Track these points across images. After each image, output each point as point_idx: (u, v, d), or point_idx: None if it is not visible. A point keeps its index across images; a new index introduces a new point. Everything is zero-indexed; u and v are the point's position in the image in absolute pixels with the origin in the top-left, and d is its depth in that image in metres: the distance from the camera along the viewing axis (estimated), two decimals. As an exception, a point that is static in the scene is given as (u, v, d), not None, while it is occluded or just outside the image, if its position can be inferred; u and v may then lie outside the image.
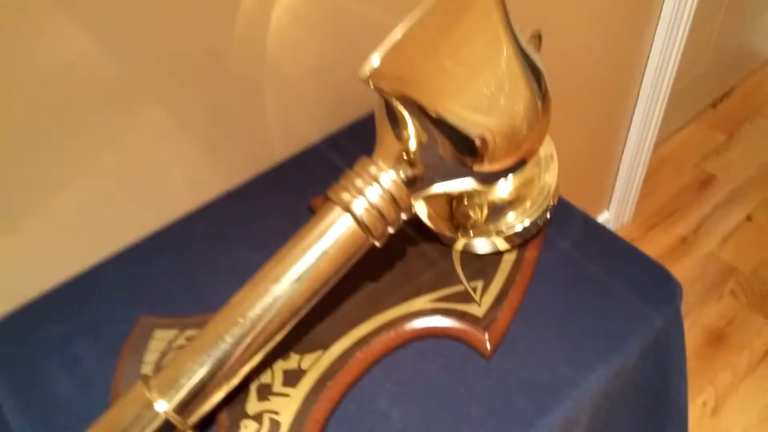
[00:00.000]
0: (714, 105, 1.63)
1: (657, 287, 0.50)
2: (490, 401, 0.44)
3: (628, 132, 1.20)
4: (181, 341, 0.47)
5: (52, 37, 0.43)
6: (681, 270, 1.26)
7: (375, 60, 0.36)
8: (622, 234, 1.35)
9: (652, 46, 1.07)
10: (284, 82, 0.58)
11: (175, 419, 0.39)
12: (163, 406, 0.38)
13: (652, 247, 1.31)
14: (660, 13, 1.03)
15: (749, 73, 1.71)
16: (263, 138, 0.60)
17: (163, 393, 0.39)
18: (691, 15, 1.05)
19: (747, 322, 1.15)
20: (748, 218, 1.33)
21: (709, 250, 1.28)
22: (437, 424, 0.43)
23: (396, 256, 0.51)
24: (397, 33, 0.36)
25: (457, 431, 0.42)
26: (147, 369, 0.46)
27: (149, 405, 0.38)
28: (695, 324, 1.16)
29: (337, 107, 0.64)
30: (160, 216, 0.56)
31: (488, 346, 0.46)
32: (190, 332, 0.47)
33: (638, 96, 1.15)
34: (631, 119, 1.18)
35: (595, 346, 0.46)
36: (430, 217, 0.52)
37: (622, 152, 1.21)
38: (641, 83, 1.14)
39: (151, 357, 0.46)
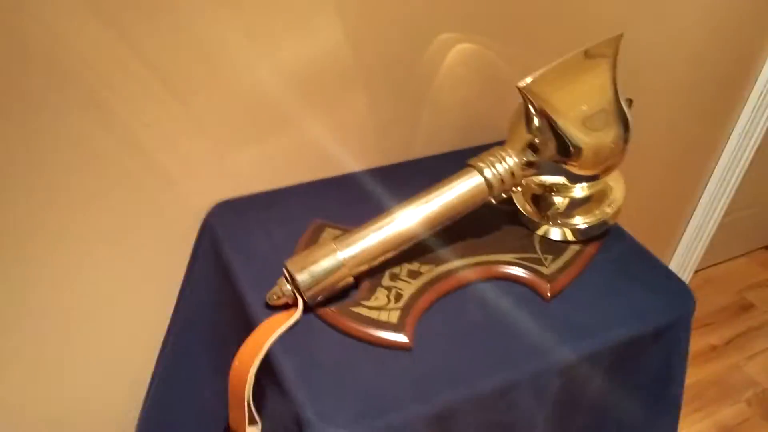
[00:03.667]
0: (767, 247, 1.79)
1: (677, 294, 0.69)
2: (542, 324, 0.63)
3: (680, 238, 1.39)
4: (343, 237, 0.69)
5: (323, 32, 0.69)
6: (704, 371, 1.40)
7: (529, 79, 0.60)
8: (659, 329, 1.51)
9: (711, 175, 1.28)
10: (438, 103, 0.83)
11: (346, 264, 0.61)
12: (341, 255, 0.61)
13: (683, 347, 1.46)
14: (727, 142, 1.24)
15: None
16: (412, 136, 0.84)
17: (343, 248, 0.61)
18: (752, 153, 1.26)
19: (757, 426, 1.28)
20: (778, 346, 1.47)
21: (735, 362, 1.42)
22: (504, 326, 0.63)
23: (495, 228, 0.73)
24: (546, 67, 0.60)
25: (518, 336, 0.62)
26: (320, 246, 0.68)
27: (334, 251, 0.61)
28: (708, 417, 1.29)
29: (466, 132, 0.88)
30: (335, 167, 0.80)
31: (548, 294, 0.66)
32: (350, 234, 0.70)
33: (691, 218, 1.36)
34: (685, 229, 1.37)
35: (623, 314, 0.65)
36: (523, 206, 0.74)
37: (673, 252, 1.40)
38: (696, 207, 1.34)
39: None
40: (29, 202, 0.64)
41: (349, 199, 0.78)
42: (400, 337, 0.59)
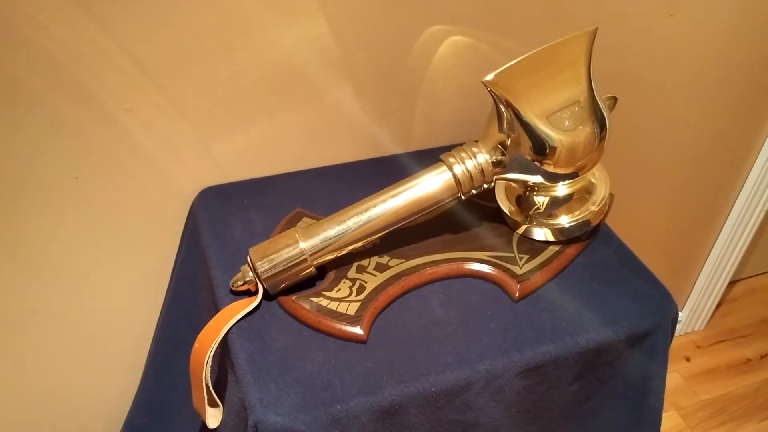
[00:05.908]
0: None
1: (657, 302, 0.66)
2: (505, 325, 0.62)
3: (721, 229, 1.30)
4: (317, 228, 0.70)
5: (306, 22, 0.70)
6: (734, 385, 1.32)
7: (495, 72, 0.58)
8: (688, 338, 1.45)
9: (749, 173, 1.20)
10: (433, 95, 0.82)
11: (307, 255, 0.61)
12: (303, 245, 0.61)
13: (713, 358, 1.39)
14: (765, 141, 1.17)
15: None
16: (408, 129, 0.84)
17: (305, 239, 0.62)
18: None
19: (783, 447, 1.21)
20: (820, 364, 1.38)
21: (769, 378, 1.34)
22: (465, 324, 0.62)
23: (473, 224, 0.72)
24: (513, 61, 0.58)
25: (478, 335, 0.61)
26: (292, 236, 0.69)
27: (296, 241, 0.61)
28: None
29: (463, 124, 0.86)
30: (326, 157, 0.81)
31: (517, 294, 0.65)
32: (324, 225, 0.70)
33: (724, 223, 1.28)
34: (719, 234, 1.30)
35: (594, 319, 0.63)
36: (505, 205, 0.72)
37: (708, 255, 1.33)
38: (728, 214, 1.26)
39: (297, 230, 0.70)
40: (16, 193, 0.68)
41: (336, 190, 0.78)
42: (356, 330, 0.60)
